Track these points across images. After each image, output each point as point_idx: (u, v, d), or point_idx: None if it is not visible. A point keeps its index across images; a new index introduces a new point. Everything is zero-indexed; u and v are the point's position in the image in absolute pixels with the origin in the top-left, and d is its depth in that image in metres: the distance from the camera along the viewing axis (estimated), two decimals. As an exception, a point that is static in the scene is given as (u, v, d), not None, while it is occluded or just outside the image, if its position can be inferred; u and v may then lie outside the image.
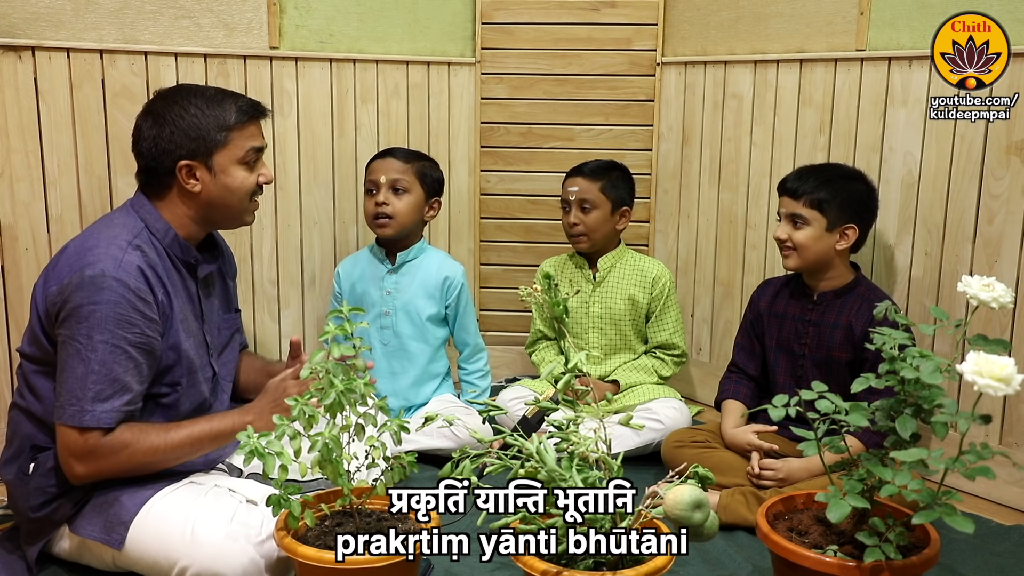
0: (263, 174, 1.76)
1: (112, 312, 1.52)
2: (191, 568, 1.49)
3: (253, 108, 1.73)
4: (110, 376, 1.52)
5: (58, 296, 1.55)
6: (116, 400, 1.53)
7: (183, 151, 1.65)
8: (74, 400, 1.52)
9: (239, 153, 1.69)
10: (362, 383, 1.39)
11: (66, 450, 1.54)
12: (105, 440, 1.54)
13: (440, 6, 2.70)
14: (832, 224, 2.01)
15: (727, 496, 1.91)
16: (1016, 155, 1.99)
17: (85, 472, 1.55)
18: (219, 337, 1.83)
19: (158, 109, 1.68)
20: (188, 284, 1.73)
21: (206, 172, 1.67)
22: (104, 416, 1.52)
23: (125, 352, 1.54)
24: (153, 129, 1.66)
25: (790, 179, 2.08)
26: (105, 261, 1.54)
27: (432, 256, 2.42)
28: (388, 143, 2.64)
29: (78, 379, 1.51)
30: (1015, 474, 2.00)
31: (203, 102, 1.67)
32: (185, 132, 1.65)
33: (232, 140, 1.68)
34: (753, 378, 2.21)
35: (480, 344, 2.50)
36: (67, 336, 1.53)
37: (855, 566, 1.29)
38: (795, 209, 2.03)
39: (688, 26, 2.68)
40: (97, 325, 1.51)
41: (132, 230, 1.63)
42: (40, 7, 2.14)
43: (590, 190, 2.41)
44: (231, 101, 1.70)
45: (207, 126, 1.66)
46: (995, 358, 1.16)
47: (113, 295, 1.53)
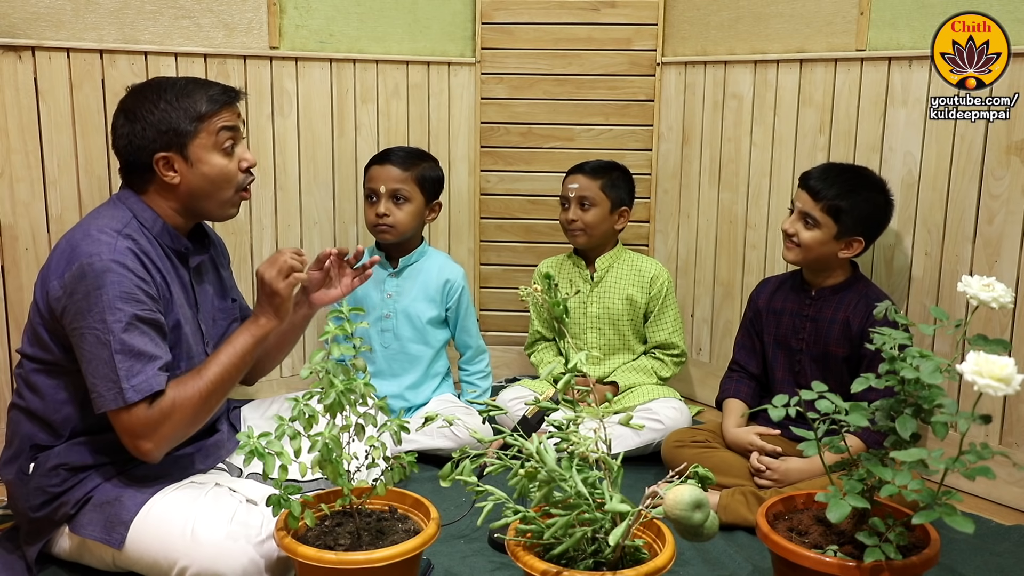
0: (244, 158, 1.73)
1: (118, 291, 1.53)
2: (191, 568, 1.49)
3: (224, 94, 1.70)
4: (133, 351, 1.53)
5: (61, 292, 1.55)
6: (148, 369, 1.54)
7: (157, 145, 1.64)
8: (110, 384, 1.52)
9: (211, 139, 1.67)
10: (362, 383, 1.40)
11: (126, 434, 1.55)
12: (153, 409, 1.54)
13: (440, 6, 2.70)
14: (842, 234, 2.00)
15: (727, 496, 1.91)
16: (1016, 155, 1.99)
17: (154, 446, 1.56)
18: (215, 327, 1.83)
19: (129, 105, 1.68)
20: (181, 273, 1.73)
21: (183, 163, 1.66)
22: (143, 386, 1.52)
23: (138, 328, 1.54)
24: (126, 126, 1.67)
25: (814, 176, 2.03)
26: (100, 249, 1.55)
27: (433, 259, 2.42)
28: (388, 143, 2.64)
29: (106, 363, 1.52)
30: (1015, 474, 2.00)
31: (173, 95, 1.66)
32: (156, 126, 1.64)
33: (204, 128, 1.66)
34: (754, 376, 2.21)
35: (482, 346, 2.50)
36: (83, 328, 1.54)
37: (855, 566, 1.29)
38: (811, 209, 2.01)
39: (688, 26, 2.68)
40: (108, 307, 1.52)
41: (121, 220, 1.63)
42: (40, 7, 2.14)
43: (590, 187, 2.41)
44: (201, 91, 1.69)
45: (178, 118, 1.64)
46: (995, 358, 1.16)
47: (115, 276, 1.53)
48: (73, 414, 1.63)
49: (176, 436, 1.59)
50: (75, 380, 1.61)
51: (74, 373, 1.60)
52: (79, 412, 1.63)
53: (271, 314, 1.67)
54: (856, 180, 2.03)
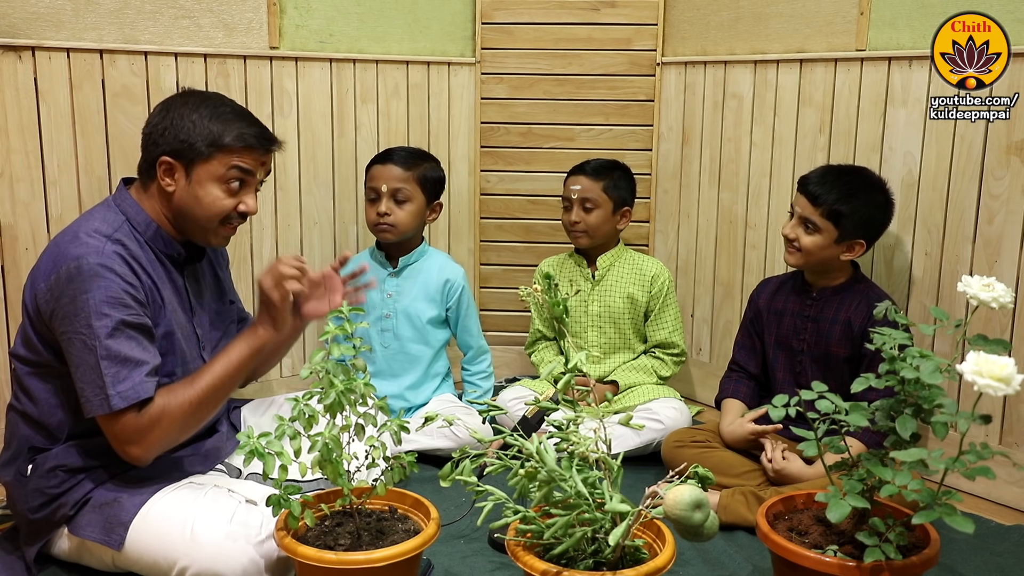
0: (245, 203, 1.68)
1: (104, 296, 1.52)
2: (191, 568, 1.49)
3: (256, 137, 1.67)
4: (119, 357, 1.52)
5: (48, 295, 1.55)
6: (135, 376, 1.53)
7: (167, 148, 1.64)
8: (97, 390, 1.51)
9: (219, 172, 1.64)
10: (362, 383, 1.40)
11: (114, 439, 1.55)
12: (143, 416, 1.53)
13: (440, 6, 2.70)
14: (843, 237, 1.99)
15: (727, 496, 1.91)
16: (1016, 155, 1.99)
17: (142, 452, 1.55)
18: (212, 330, 1.82)
19: (173, 101, 1.68)
20: (175, 278, 1.72)
21: (183, 177, 1.64)
22: (129, 393, 1.52)
23: (124, 332, 1.53)
24: (156, 117, 1.67)
25: (812, 181, 2.01)
26: (87, 252, 1.54)
27: (434, 259, 2.42)
28: (388, 143, 2.64)
29: (92, 368, 1.51)
30: (1015, 474, 2.00)
31: (210, 113, 1.64)
32: (176, 132, 1.63)
33: (216, 158, 1.64)
34: (754, 376, 2.21)
35: (484, 346, 2.50)
36: (70, 332, 1.53)
37: (855, 566, 1.29)
38: (810, 215, 1.99)
39: (688, 26, 2.68)
40: (94, 311, 1.51)
41: (111, 224, 1.62)
42: (40, 7, 2.14)
43: (593, 189, 2.41)
44: (238, 124, 1.65)
45: (198, 136, 1.63)
46: (995, 358, 1.16)
47: (102, 280, 1.53)
48: (67, 418, 1.63)
49: (165, 442, 1.58)
50: (66, 384, 1.60)
51: (65, 376, 1.59)
52: (72, 416, 1.63)
53: (268, 324, 1.66)
54: (855, 182, 2.01)
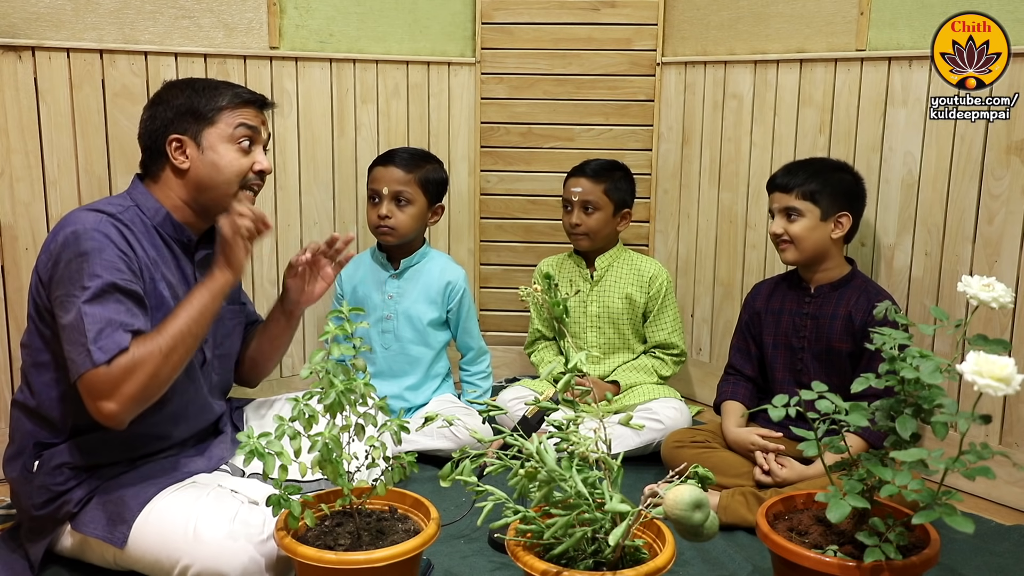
0: (259, 161, 1.73)
1: (98, 258, 1.53)
2: (193, 567, 1.49)
3: (249, 94, 1.75)
4: (105, 318, 1.50)
5: (48, 262, 1.57)
6: (116, 335, 1.50)
7: (173, 126, 1.67)
8: (79, 348, 1.49)
9: (228, 130, 1.69)
10: (362, 383, 1.40)
11: (89, 397, 1.50)
12: (113, 367, 1.48)
13: (440, 6, 2.70)
14: (826, 213, 2.03)
15: (727, 496, 1.91)
16: (1016, 155, 1.99)
17: (117, 407, 1.49)
18: (221, 326, 1.82)
19: (159, 93, 1.73)
20: (184, 266, 1.72)
21: (195, 148, 1.68)
22: (109, 346, 1.48)
23: (114, 295, 1.52)
24: (149, 110, 1.71)
25: (779, 175, 2.11)
26: (85, 220, 1.57)
27: (434, 260, 2.42)
28: (388, 143, 2.64)
29: (76, 327, 1.49)
30: (1015, 474, 2.00)
31: (201, 86, 1.71)
32: (176, 109, 1.68)
33: (221, 119, 1.69)
34: (750, 379, 2.22)
35: (483, 347, 2.50)
36: (63, 296, 1.53)
37: (855, 566, 1.29)
38: (788, 203, 2.05)
39: (688, 26, 2.68)
40: (87, 273, 1.51)
41: (117, 207, 1.64)
42: (40, 7, 2.14)
43: (593, 192, 2.41)
44: (229, 88, 1.73)
45: (198, 104, 1.68)
46: (995, 358, 1.16)
47: (96, 243, 1.54)
48: (68, 412, 1.63)
49: (140, 396, 1.51)
50: (65, 376, 1.59)
51: (62, 368, 1.58)
52: (73, 410, 1.62)
53: (223, 265, 1.64)
54: (817, 164, 2.12)
